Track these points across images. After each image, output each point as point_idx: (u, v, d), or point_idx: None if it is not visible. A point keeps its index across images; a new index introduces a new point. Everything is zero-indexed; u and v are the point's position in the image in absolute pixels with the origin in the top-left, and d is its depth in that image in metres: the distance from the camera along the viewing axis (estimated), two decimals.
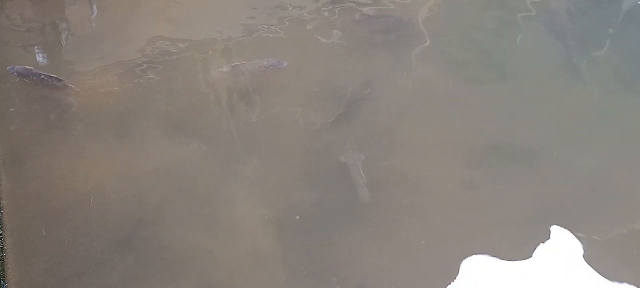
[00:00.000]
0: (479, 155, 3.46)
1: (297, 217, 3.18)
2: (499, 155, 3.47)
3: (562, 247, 3.04)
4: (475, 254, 3.03)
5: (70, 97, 3.78)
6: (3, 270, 2.95)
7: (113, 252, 3.02)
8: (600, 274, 2.93)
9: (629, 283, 2.90)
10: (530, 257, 3.02)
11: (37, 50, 4.17)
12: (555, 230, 3.11)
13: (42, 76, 3.81)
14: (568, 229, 3.10)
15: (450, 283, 2.94)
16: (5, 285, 2.91)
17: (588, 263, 2.97)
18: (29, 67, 3.87)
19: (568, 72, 3.92)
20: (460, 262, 3.01)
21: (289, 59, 4.00)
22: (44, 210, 3.19)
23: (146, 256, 3.02)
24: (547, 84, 3.85)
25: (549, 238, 3.08)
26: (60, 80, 3.79)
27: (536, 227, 3.13)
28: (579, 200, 3.25)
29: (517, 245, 3.07)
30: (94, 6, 4.52)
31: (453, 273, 2.97)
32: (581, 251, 3.01)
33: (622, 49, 4.02)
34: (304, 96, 3.83)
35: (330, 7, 4.51)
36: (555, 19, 4.22)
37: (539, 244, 3.06)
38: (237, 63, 3.95)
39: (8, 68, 3.87)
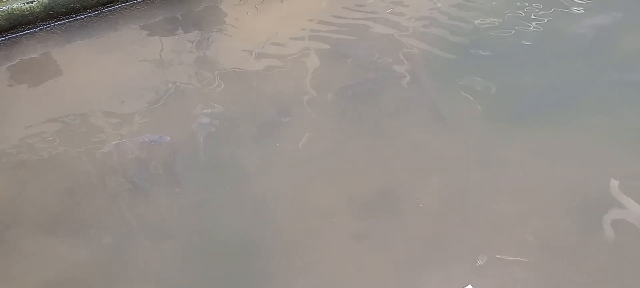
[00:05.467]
0: (363, 207, 3.58)
1: None
2: (380, 204, 3.61)
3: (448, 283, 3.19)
4: None
5: None
6: None
7: None
8: None
9: None
10: None
11: None
12: (440, 267, 3.26)
13: None
14: (452, 265, 3.26)
15: None
16: None
17: None
18: None
19: (433, 120, 4.20)
20: None
21: (170, 135, 3.97)
22: None
23: None
24: (417, 133, 4.10)
25: (437, 275, 3.22)
26: None
27: (423, 268, 3.27)
28: (455, 235, 3.44)
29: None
30: None
31: None
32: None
33: (480, 93, 4.37)
34: (188, 171, 3.81)
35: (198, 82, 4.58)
36: (416, 69, 4.53)
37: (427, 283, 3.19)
38: (117, 142, 3.87)
39: None
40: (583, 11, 5.09)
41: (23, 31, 5.03)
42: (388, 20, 5.17)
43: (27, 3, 4.97)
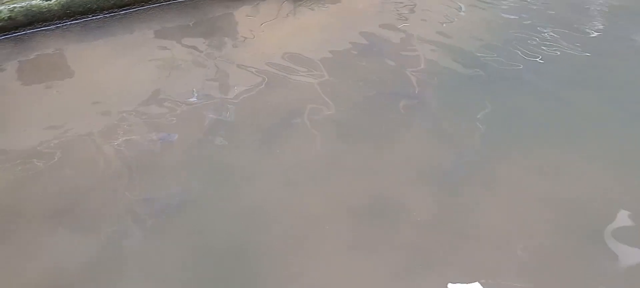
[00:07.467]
0: (358, 216, 3.62)
1: None
2: (376, 215, 3.64)
3: None
4: None
5: None
6: None
7: None
8: None
9: None
10: None
11: None
12: (434, 278, 3.27)
13: None
14: (446, 277, 3.28)
15: None
16: None
17: None
18: None
19: (434, 136, 4.26)
20: None
21: (178, 133, 4.04)
22: None
23: None
24: (418, 148, 4.16)
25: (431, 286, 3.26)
26: None
27: (417, 279, 3.29)
28: (449, 248, 3.46)
29: None
30: None
31: None
32: None
33: (481, 111, 4.44)
34: (191, 173, 3.86)
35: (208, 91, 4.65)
36: (422, 87, 4.59)
37: None
38: (126, 138, 3.94)
39: None
40: (590, 36, 5.16)
41: (40, 28, 5.12)
42: (398, 37, 5.25)
43: (45, 0, 5.07)
